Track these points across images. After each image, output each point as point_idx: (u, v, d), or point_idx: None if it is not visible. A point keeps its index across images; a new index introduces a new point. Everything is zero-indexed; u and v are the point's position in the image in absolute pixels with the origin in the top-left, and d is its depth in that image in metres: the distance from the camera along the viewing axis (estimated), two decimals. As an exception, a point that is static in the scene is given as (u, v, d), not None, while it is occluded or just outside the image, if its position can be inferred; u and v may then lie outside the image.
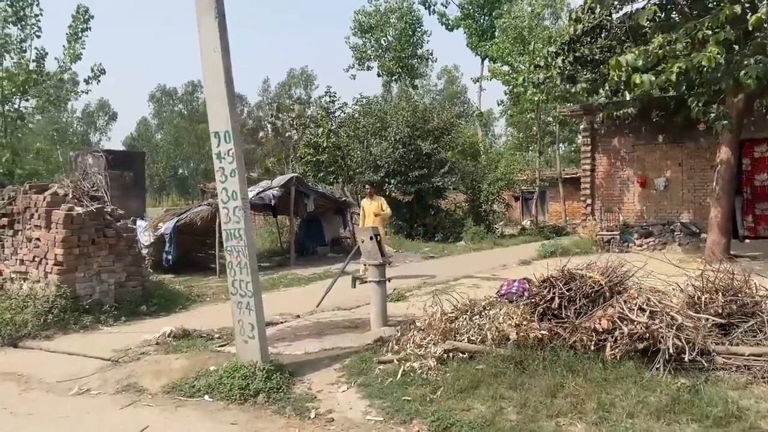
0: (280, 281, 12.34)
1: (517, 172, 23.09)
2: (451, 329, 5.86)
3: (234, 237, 5.54)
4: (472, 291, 10.14)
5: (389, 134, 20.00)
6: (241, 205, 5.46)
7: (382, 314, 7.01)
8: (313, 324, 7.76)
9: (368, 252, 7.09)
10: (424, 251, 17.31)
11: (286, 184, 14.55)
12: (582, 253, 15.62)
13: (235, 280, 5.61)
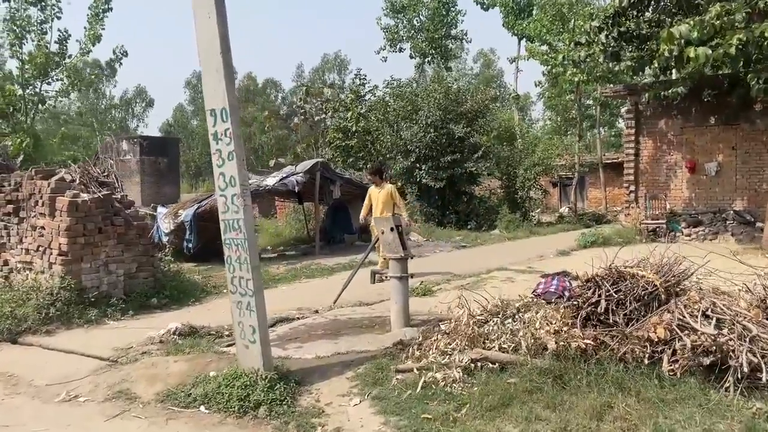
0: (302, 272, 11.75)
1: (556, 156, 22.03)
2: (479, 335, 5.13)
3: (232, 228, 4.90)
4: (506, 286, 9.38)
5: (420, 118, 19.18)
6: (240, 192, 4.80)
7: (404, 314, 6.31)
8: (329, 322, 7.11)
9: (388, 244, 6.39)
10: (456, 240, 16.53)
11: (311, 170, 13.92)
12: (624, 242, 14.63)
13: (234, 277, 4.97)
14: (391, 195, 10.27)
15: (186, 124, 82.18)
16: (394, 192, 10.38)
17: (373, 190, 10.56)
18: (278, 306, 8.53)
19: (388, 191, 10.32)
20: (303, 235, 17.79)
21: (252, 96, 75.21)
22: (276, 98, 75.26)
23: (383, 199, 10.23)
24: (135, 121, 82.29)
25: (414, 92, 20.78)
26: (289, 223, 19.94)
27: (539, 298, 5.73)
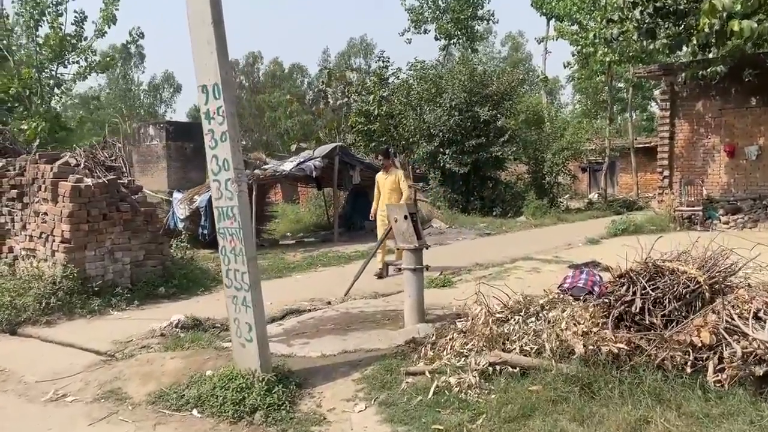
0: (318, 259, 11.34)
1: (585, 140, 21.23)
2: (499, 335, 4.64)
3: (226, 217, 4.47)
4: (531, 277, 8.86)
5: (444, 100, 18.56)
6: (234, 177, 4.36)
7: (418, 308, 5.84)
8: (340, 315, 6.68)
9: (402, 234, 5.91)
10: (480, 227, 15.97)
11: (329, 154, 13.47)
12: (658, 230, 13.98)
13: (229, 269, 4.55)
14: (398, 182, 9.22)
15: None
16: (401, 178, 9.31)
17: (380, 176, 9.50)
18: (290, 296, 8.15)
19: (396, 177, 9.26)
20: (323, 222, 17.41)
21: (278, 81, 75.01)
22: (302, 83, 74.89)
23: (390, 186, 9.21)
24: (163, 107, 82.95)
25: (438, 74, 20.13)
26: (310, 209, 19.59)
27: (566, 294, 5.21)
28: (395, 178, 9.25)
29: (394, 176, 9.28)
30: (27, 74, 13.89)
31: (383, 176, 9.41)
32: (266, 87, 75.67)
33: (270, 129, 68.82)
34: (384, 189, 9.29)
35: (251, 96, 75.82)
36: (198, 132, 22.41)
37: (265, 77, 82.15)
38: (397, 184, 9.22)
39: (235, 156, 4.37)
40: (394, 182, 9.21)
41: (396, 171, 9.45)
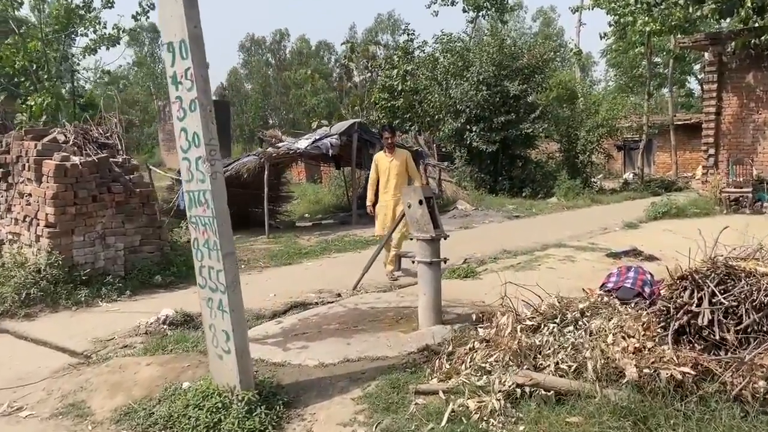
0: (333, 244, 10.58)
1: (622, 117, 19.99)
2: (530, 347, 3.80)
3: (198, 203, 3.69)
4: (564, 266, 7.97)
5: (471, 74, 17.52)
6: (206, 155, 3.57)
7: (434, 308, 5.03)
8: (347, 312, 5.90)
9: (416, 221, 5.08)
10: (508, 209, 15.03)
11: (347, 131, 12.64)
12: (702, 213, 12.94)
13: (203, 266, 3.79)
14: (406, 165, 7.63)
15: (240, 88, 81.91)
16: (410, 161, 7.73)
17: (382, 157, 7.71)
18: (298, 287, 7.43)
19: (404, 159, 7.63)
20: (343, 203, 16.66)
21: (305, 59, 74.18)
22: (329, 61, 73.94)
23: (396, 170, 7.54)
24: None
25: (466, 47, 19.06)
26: (331, 190, 18.85)
27: (610, 296, 4.34)
28: (403, 161, 7.64)
29: (402, 158, 7.66)
30: (33, 47, 13.26)
31: (386, 157, 7.67)
32: (293, 65, 74.90)
33: (296, 107, 68.22)
34: (388, 174, 7.62)
35: (278, 74, 75.21)
36: (222, 110, 21.88)
37: (292, 55, 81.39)
38: (404, 167, 7.64)
39: (207, 129, 3.58)
40: (401, 165, 7.60)
41: (403, 152, 7.86)
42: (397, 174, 7.58)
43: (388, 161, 7.65)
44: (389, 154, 7.69)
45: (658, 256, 8.30)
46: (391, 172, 7.60)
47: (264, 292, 7.19)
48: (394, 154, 7.68)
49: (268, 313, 6.32)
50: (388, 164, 7.63)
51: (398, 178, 7.58)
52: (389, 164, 7.62)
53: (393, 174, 7.58)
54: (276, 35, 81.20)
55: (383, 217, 7.66)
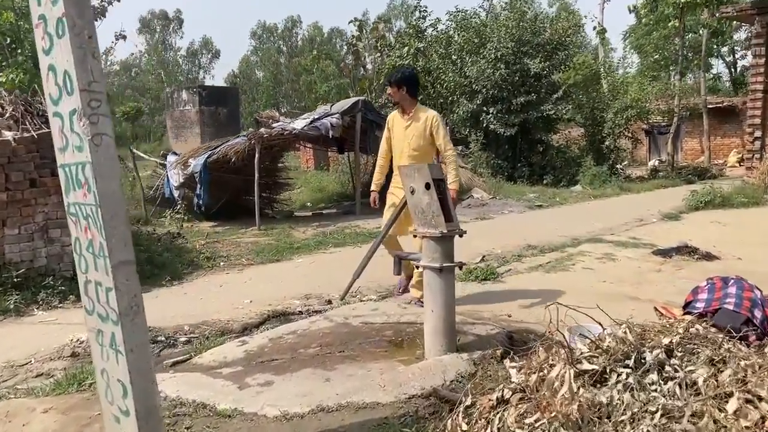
0: (331, 237, 9.26)
1: (654, 98, 18.41)
2: (591, 404, 2.45)
3: (76, 184, 2.37)
4: (604, 266, 6.59)
5: (488, 51, 16.04)
6: (84, 106, 2.24)
7: (445, 331, 3.68)
8: (333, 328, 4.57)
9: (422, 212, 3.73)
10: (529, 198, 13.62)
11: (350, 111, 11.28)
12: (750, 203, 11.47)
13: (89, 281, 2.47)
14: (431, 131, 5.02)
15: (251, 76, 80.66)
16: (436, 125, 5.03)
17: (396, 119, 5.20)
18: (281, 290, 6.14)
19: (428, 125, 5.01)
20: (348, 191, 15.32)
21: (317, 46, 73.03)
22: (341, 48, 72.57)
23: (415, 140, 5.03)
24: (201, 73, 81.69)
25: (482, 22, 17.55)
26: (336, 177, 17.52)
27: (704, 322, 2.96)
28: (427, 127, 5.00)
29: (425, 122, 5.00)
30: (6, 18, 11.97)
31: (403, 121, 5.13)
32: (305, 52, 73.56)
33: (306, 94, 66.95)
34: (403, 142, 5.09)
35: (289, 61, 73.93)
36: (232, 97, 20.56)
37: (304, 42, 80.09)
38: (426, 134, 5.01)
39: (84, 66, 2.24)
40: (421, 133, 5.01)
41: (427, 113, 5.08)
42: (416, 147, 5.01)
43: (403, 125, 5.11)
44: (405, 115, 5.12)
45: (715, 254, 6.91)
46: (406, 139, 5.06)
47: (239, 297, 5.91)
48: (412, 116, 5.07)
49: (237, 326, 5.02)
50: (405, 131, 5.08)
51: (417, 153, 5.00)
52: (405, 131, 5.08)
53: (408, 145, 5.04)
54: (288, 22, 79.98)
55: (390, 205, 5.17)
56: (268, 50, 79.29)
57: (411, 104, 5.12)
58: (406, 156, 5.08)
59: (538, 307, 4.98)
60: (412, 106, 5.13)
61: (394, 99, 5.25)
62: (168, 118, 44.96)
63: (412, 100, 5.12)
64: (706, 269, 6.27)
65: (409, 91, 5.07)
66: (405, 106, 5.14)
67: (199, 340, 4.68)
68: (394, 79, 5.11)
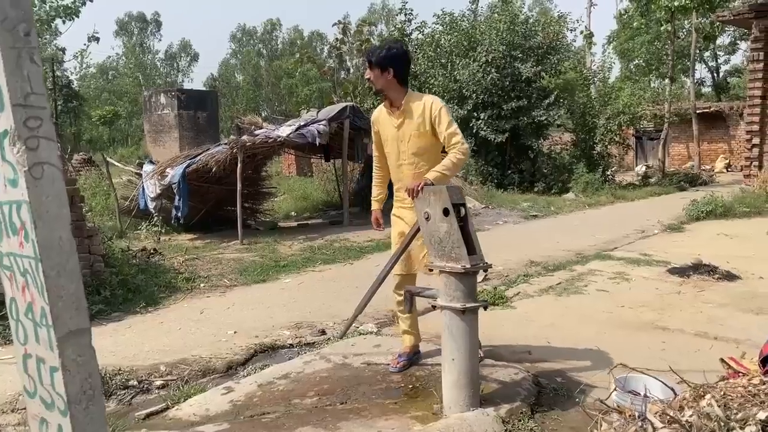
0: (320, 252, 8.68)
1: (646, 103, 18.11)
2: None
3: (9, 230, 1.78)
4: (619, 287, 6.12)
5: (478, 54, 15.58)
6: (21, 129, 1.66)
7: (468, 384, 3.14)
8: (332, 371, 4.00)
9: (438, 242, 3.19)
10: (523, 207, 13.16)
11: (338, 117, 10.72)
12: (754, 213, 11.12)
13: (28, 355, 1.88)
14: (432, 122, 3.66)
15: (230, 79, 79.67)
16: (437, 113, 3.64)
17: (383, 115, 3.86)
18: (268, 318, 5.56)
19: (425, 114, 3.66)
20: (335, 199, 14.74)
21: (298, 49, 72.59)
22: (322, 51, 72.15)
23: (413, 134, 3.72)
24: (180, 76, 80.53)
25: (471, 24, 17.09)
26: (321, 184, 16.91)
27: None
28: (425, 118, 3.67)
29: (419, 117, 3.68)
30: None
31: (392, 118, 3.80)
32: (285, 55, 72.89)
33: (287, 97, 66.24)
34: (397, 149, 3.82)
35: (269, 64, 73.17)
36: (211, 100, 19.96)
37: (284, 45, 79.40)
38: (428, 128, 3.69)
39: (19, 71, 1.67)
40: (421, 128, 3.69)
41: (421, 102, 3.70)
42: (417, 150, 3.74)
43: (393, 124, 3.80)
44: (395, 108, 3.78)
45: (735, 273, 6.45)
46: (402, 146, 3.79)
47: (221, 327, 5.31)
48: (403, 108, 3.73)
49: (221, 365, 4.43)
50: (395, 131, 3.79)
51: (421, 158, 3.75)
52: (396, 131, 3.78)
53: (407, 150, 3.76)
54: (267, 25, 79.28)
55: (397, 235, 3.94)
56: (248, 53, 78.48)
57: (400, 94, 3.72)
58: (406, 165, 3.78)
59: (558, 341, 4.48)
60: (402, 96, 3.73)
61: (375, 86, 3.80)
62: (146, 122, 44.02)
63: (400, 88, 3.71)
64: (730, 291, 5.82)
65: (398, 75, 3.66)
66: (392, 97, 3.74)
67: (177, 384, 4.09)
68: (376, 58, 3.65)
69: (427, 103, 3.68)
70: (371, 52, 3.75)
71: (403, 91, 3.74)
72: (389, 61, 3.64)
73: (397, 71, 3.66)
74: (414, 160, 3.77)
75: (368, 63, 3.74)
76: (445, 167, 3.59)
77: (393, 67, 3.64)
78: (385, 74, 3.66)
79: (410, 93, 3.79)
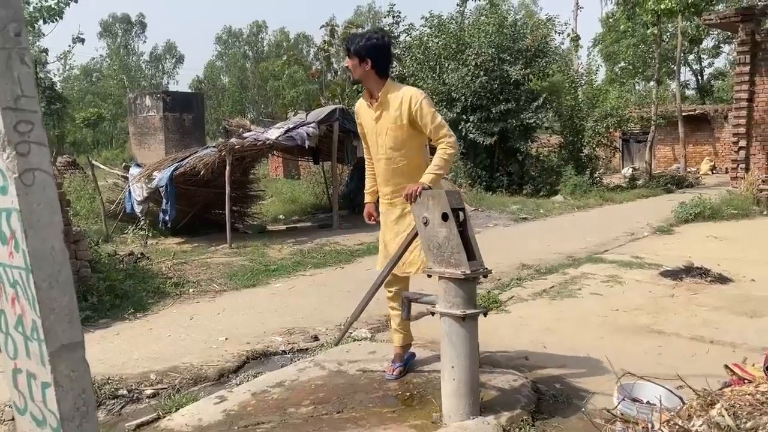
0: (310, 256, 8.59)
1: (634, 106, 18.23)
2: None
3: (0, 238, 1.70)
4: (612, 290, 6.10)
5: (468, 57, 15.58)
6: (11, 134, 1.59)
7: (468, 392, 3.08)
8: (327, 378, 3.92)
9: (437, 247, 3.13)
10: (512, 210, 13.15)
11: (327, 119, 10.64)
12: (740, 214, 11.19)
13: (18, 370, 1.80)
14: (410, 116, 3.50)
15: (216, 81, 79.27)
16: (417, 105, 3.47)
17: (363, 108, 3.76)
18: (259, 323, 5.47)
19: (403, 107, 3.51)
20: (323, 202, 14.66)
21: (284, 51, 72.36)
22: (308, 53, 72.05)
23: (390, 127, 3.58)
24: (165, 78, 79.99)
25: (460, 26, 17.08)
26: (309, 187, 16.81)
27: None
28: (402, 111, 3.52)
29: (399, 106, 3.53)
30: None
31: (371, 111, 3.68)
32: (271, 57, 72.64)
33: (273, 99, 66.01)
34: (375, 143, 3.73)
35: (255, 66, 72.87)
36: (196, 103, 19.68)
37: (270, 47, 79.15)
38: (405, 122, 3.54)
39: (9, 73, 1.59)
40: (398, 122, 3.55)
41: (400, 94, 3.55)
42: (394, 145, 3.61)
43: (372, 117, 3.68)
44: (372, 101, 3.67)
45: (727, 276, 6.46)
46: (379, 140, 3.67)
47: (212, 334, 5.21)
48: (381, 100, 3.59)
49: (212, 372, 4.34)
50: (374, 124, 3.67)
51: (399, 154, 3.62)
52: (375, 124, 3.67)
53: (384, 144, 3.64)
54: (253, 27, 78.97)
55: (382, 235, 3.95)
56: (234, 55, 78.09)
57: (378, 85, 3.59)
58: (383, 160, 3.66)
59: (555, 346, 4.44)
60: (380, 87, 3.59)
61: (353, 76, 3.66)
62: (131, 124, 43.62)
63: (379, 79, 3.58)
64: (723, 294, 5.82)
65: (377, 66, 3.54)
66: (370, 88, 3.63)
67: (168, 392, 4.00)
68: (354, 47, 3.53)
69: (406, 95, 3.53)
70: (350, 40, 3.63)
71: (381, 82, 3.61)
72: (367, 50, 3.52)
73: (375, 62, 3.55)
74: (391, 154, 3.65)
75: (347, 51, 3.63)
76: (438, 167, 3.49)
77: (371, 57, 3.53)
78: (363, 64, 3.55)
79: (389, 84, 3.63)
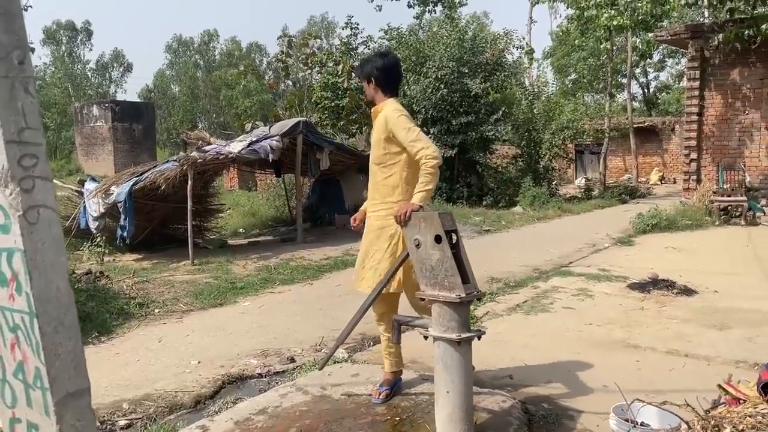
0: (276, 273, 8.44)
1: (589, 118, 18.69)
2: None
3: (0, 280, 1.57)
4: (583, 304, 6.19)
5: (428, 70, 15.70)
6: (15, 168, 1.47)
7: (463, 418, 3.04)
8: (311, 404, 3.83)
9: (430, 270, 3.10)
10: (475, 222, 13.26)
11: (290, 132, 10.52)
12: (694, 225, 11.56)
13: (17, 419, 1.67)
14: (387, 134, 3.58)
15: (166, 90, 77.72)
16: (392, 124, 3.52)
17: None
18: (232, 345, 5.33)
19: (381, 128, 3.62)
20: (284, 215, 14.47)
21: (236, 60, 71.58)
22: (261, 63, 71.44)
23: (373, 142, 3.75)
24: (113, 87, 77.94)
25: (420, 40, 17.22)
26: (269, 199, 16.59)
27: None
28: (380, 130, 3.62)
29: (381, 124, 3.61)
30: None
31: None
32: (222, 66, 71.70)
33: (227, 109, 65.13)
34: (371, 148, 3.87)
35: (207, 75, 71.80)
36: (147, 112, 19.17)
37: (221, 56, 78.14)
38: (382, 138, 3.63)
39: (13, 104, 1.49)
40: (378, 138, 3.66)
41: (385, 110, 3.63)
42: (375, 159, 3.73)
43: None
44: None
45: (692, 288, 6.64)
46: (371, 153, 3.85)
47: (183, 357, 5.04)
48: (375, 119, 3.73)
49: (188, 400, 4.19)
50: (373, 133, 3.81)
51: (378, 167, 3.72)
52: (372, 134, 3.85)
53: (371, 158, 3.81)
54: (204, 36, 77.85)
55: (369, 232, 3.81)
56: (185, 64, 76.76)
57: (381, 102, 3.74)
58: (371, 173, 3.79)
59: (536, 363, 4.46)
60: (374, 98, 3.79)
61: (366, 98, 4.01)
62: (77, 134, 42.27)
63: (383, 96, 3.72)
64: (690, 306, 5.98)
65: (382, 86, 3.70)
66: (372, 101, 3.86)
67: (143, 423, 3.83)
68: (358, 71, 3.84)
69: (384, 113, 3.63)
70: (360, 64, 3.90)
71: (383, 99, 3.73)
72: (370, 74, 3.73)
73: (378, 80, 3.71)
74: (374, 169, 3.78)
75: (357, 76, 3.94)
76: (424, 183, 3.49)
77: (373, 76, 3.72)
78: (370, 84, 3.75)
79: (385, 102, 3.71)
